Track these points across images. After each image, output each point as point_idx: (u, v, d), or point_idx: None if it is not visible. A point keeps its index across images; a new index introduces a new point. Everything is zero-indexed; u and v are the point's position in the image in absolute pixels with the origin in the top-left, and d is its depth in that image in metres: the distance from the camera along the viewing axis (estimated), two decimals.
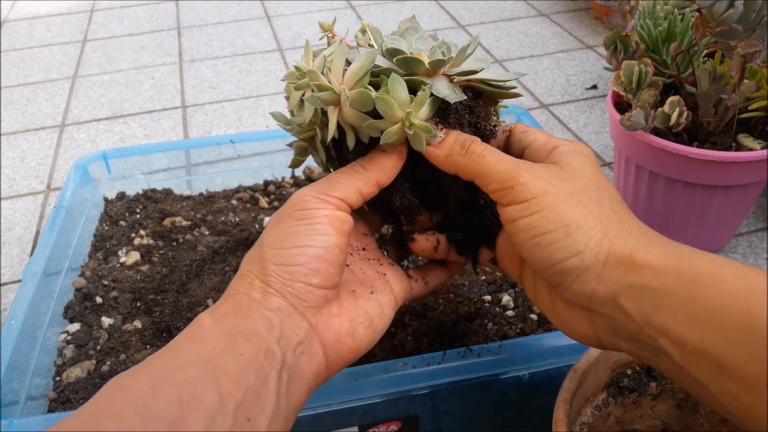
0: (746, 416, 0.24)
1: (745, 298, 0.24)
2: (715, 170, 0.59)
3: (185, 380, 0.25)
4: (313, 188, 0.33)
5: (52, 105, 1.09)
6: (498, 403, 0.46)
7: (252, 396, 0.26)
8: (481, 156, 0.32)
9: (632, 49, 0.63)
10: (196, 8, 1.45)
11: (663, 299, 0.26)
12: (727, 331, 0.24)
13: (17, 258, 0.75)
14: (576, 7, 1.36)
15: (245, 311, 0.29)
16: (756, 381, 0.23)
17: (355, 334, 0.32)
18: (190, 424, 0.24)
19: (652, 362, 0.29)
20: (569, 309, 0.32)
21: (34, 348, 0.47)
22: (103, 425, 0.24)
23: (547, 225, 0.29)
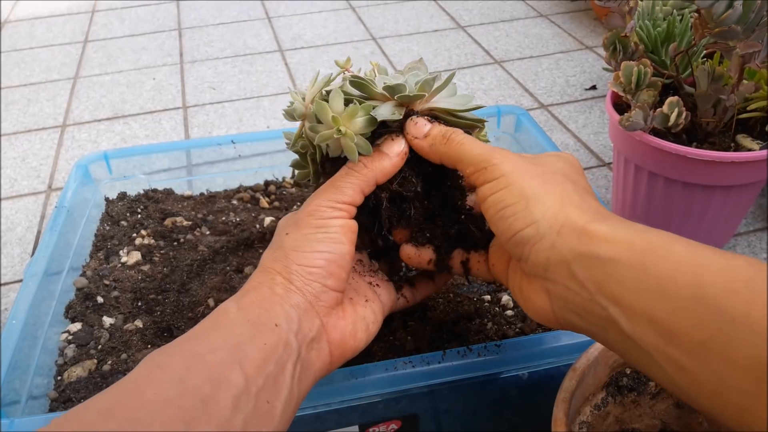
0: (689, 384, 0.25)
1: (694, 269, 0.25)
2: (714, 170, 0.59)
3: (215, 362, 0.28)
4: (324, 197, 0.36)
5: (54, 105, 1.09)
6: (497, 402, 0.46)
7: (271, 382, 0.29)
8: (460, 143, 0.35)
9: (631, 50, 0.63)
10: (196, 9, 1.45)
11: (614, 268, 0.27)
12: (674, 299, 0.25)
13: (18, 258, 0.75)
14: (575, 8, 1.37)
15: (268, 303, 0.32)
16: (700, 348, 0.24)
17: (355, 336, 0.36)
18: (220, 401, 0.27)
19: (599, 337, 0.30)
20: (530, 283, 0.33)
21: (36, 347, 0.47)
22: (143, 395, 0.26)
23: (510, 198, 0.32)
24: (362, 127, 0.37)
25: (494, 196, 0.33)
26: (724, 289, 0.24)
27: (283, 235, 0.36)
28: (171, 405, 0.26)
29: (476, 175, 0.34)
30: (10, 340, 0.44)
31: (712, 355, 0.23)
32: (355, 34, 1.29)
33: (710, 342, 0.23)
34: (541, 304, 0.32)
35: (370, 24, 1.32)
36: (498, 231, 0.33)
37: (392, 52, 1.19)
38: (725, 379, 0.23)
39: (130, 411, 0.25)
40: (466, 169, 0.35)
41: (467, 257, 0.40)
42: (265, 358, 0.30)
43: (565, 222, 0.30)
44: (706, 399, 0.24)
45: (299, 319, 0.33)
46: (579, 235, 0.29)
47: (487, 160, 0.33)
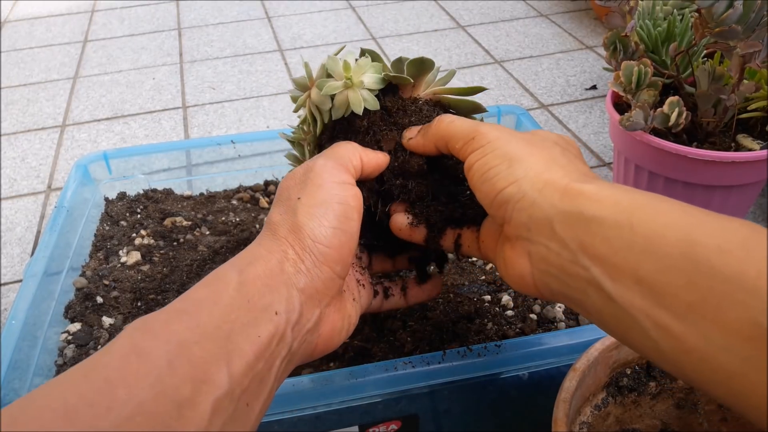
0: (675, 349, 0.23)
1: (685, 227, 0.24)
2: (715, 170, 0.59)
3: (201, 357, 0.25)
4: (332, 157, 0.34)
5: (53, 105, 1.09)
6: (498, 402, 0.46)
7: (256, 383, 0.27)
8: (450, 122, 0.35)
9: (632, 50, 0.63)
10: (196, 9, 1.45)
11: (598, 227, 0.26)
12: (663, 258, 0.24)
13: (18, 258, 0.75)
14: (575, 8, 1.37)
15: (275, 282, 0.30)
16: (689, 309, 0.22)
17: (341, 333, 0.34)
18: (198, 405, 0.24)
19: (579, 302, 0.28)
20: (512, 247, 0.31)
21: (35, 348, 0.47)
22: (114, 393, 0.23)
23: (494, 161, 0.31)
24: (372, 82, 0.37)
25: (479, 162, 0.32)
26: (717, 248, 0.22)
27: (295, 199, 0.33)
28: (143, 410, 0.23)
29: (464, 148, 0.33)
30: (10, 340, 0.44)
31: (702, 316, 0.22)
32: (355, 33, 1.29)
33: (701, 303, 0.22)
34: (521, 268, 0.31)
35: (370, 24, 1.32)
36: (481, 195, 0.32)
37: (392, 52, 1.19)
38: (715, 342, 0.22)
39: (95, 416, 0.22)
40: (456, 144, 0.34)
41: (459, 233, 0.38)
42: (257, 356, 0.27)
43: (548, 181, 0.29)
44: (693, 365, 0.23)
45: (301, 308, 0.30)
46: (562, 193, 0.28)
47: (474, 131, 0.33)
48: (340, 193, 0.33)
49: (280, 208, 0.33)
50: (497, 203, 0.31)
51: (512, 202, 0.30)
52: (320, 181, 0.33)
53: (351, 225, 0.33)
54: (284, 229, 0.32)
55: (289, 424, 0.42)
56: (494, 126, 0.34)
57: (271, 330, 0.28)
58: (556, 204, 0.28)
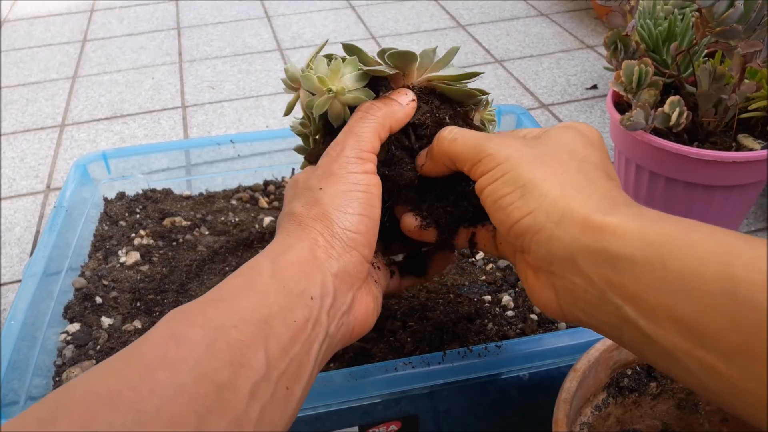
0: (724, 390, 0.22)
1: (723, 262, 0.22)
2: (715, 170, 0.59)
3: (239, 341, 0.25)
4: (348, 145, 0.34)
5: (52, 105, 1.09)
6: (498, 403, 0.46)
7: (294, 366, 0.27)
8: (452, 141, 0.33)
9: (632, 49, 0.63)
10: (196, 8, 1.45)
11: (627, 265, 0.24)
12: (702, 297, 0.22)
13: (17, 258, 0.75)
14: (576, 7, 1.36)
15: (308, 267, 0.30)
16: (736, 351, 0.21)
17: (374, 313, 0.34)
18: (237, 389, 0.24)
19: (613, 336, 0.27)
20: (536, 276, 0.30)
21: (34, 348, 0.47)
22: (155, 378, 0.23)
23: (506, 188, 0.29)
24: (353, 82, 0.35)
25: (490, 187, 0.30)
26: (761, 285, 0.21)
27: (316, 189, 0.33)
28: (184, 393, 0.23)
29: (473, 170, 0.32)
30: (9, 341, 0.44)
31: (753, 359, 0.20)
32: (355, 33, 1.29)
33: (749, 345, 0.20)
34: (548, 299, 0.30)
35: (370, 23, 1.32)
36: (497, 222, 0.31)
37: None
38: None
39: (138, 399, 0.22)
40: (464, 166, 0.33)
41: (473, 232, 0.37)
42: (293, 339, 0.27)
43: (565, 211, 0.27)
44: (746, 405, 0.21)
45: (335, 292, 0.30)
46: (582, 226, 0.26)
47: (481, 152, 0.31)
48: (362, 181, 0.33)
49: (302, 200, 0.33)
50: (513, 234, 0.29)
51: (529, 234, 0.28)
52: (343, 172, 0.33)
53: (374, 211, 0.33)
54: (310, 218, 0.32)
55: None
56: (503, 142, 0.31)
57: (306, 314, 0.28)
58: (577, 239, 0.26)
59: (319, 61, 0.36)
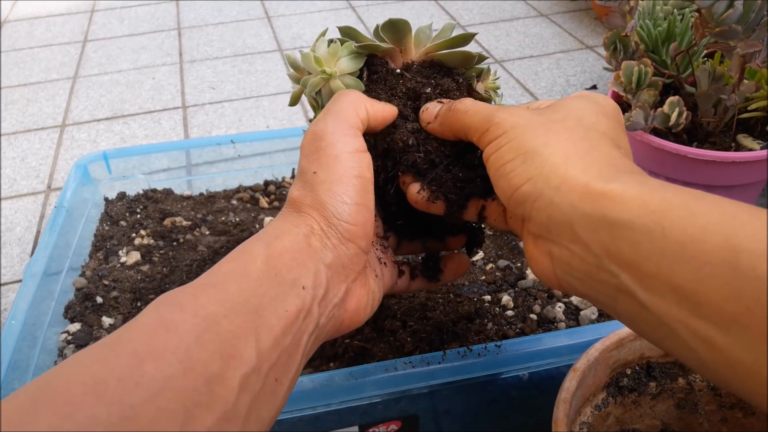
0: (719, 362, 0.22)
1: (725, 232, 0.21)
2: (715, 170, 0.59)
3: (230, 331, 0.25)
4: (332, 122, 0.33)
5: (53, 105, 1.09)
6: (498, 402, 0.46)
7: (285, 358, 0.27)
8: (464, 112, 0.33)
9: (632, 50, 0.63)
10: (196, 9, 1.45)
11: (626, 231, 0.24)
12: (702, 265, 0.21)
13: (18, 258, 0.75)
14: (576, 8, 1.36)
15: (302, 256, 0.29)
16: (733, 321, 0.21)
17: (366, 308, 0.33)
18: (227, 381, 0.24)
19: (607, 306, 0.26)
20: (535, 244, 0.30)
21: (35, 348, 0.47)
22: (143, 369, 0.22)
23: (509, 154, 0.29)
24: (348, 65, 0.36)
25: (495, 154, 0.30)
26: (763, 255, 0.20)
27: (310, 173, 0.32)
28: (171, 385, 0.22)
29: (482, 139, 0.31)
30: (10, 340, 0.44)
31: (749, 328, 0.20)
32: None
33: (746, 314, 0.20)
34: (544, 266, 0.29)
35: (370, 23, 1.32)
36: (499, 191, 0.30)
37: None
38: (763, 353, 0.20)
39: (124, 391, 0.22)
40: (473, 136, 0.32)
41: (483, 205, 0.36)
42: (284, 330, 0.27)
43: (564, 177, 0.27)
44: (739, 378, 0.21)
45: (327, 283, 0.30)
46: (582, 193, 0.26)
47: (489, 121, 0.31)
48: (355, 165, 0.32)
49: (299, 184, 0.33)
50: (514, 201, 0.29)
51: (529, 201, 0.28)
52: (334, 152, 0.32)
53: (370, 198, 0.32)
54: (306, 205, 0.31)
55: (288, 424, 0.41)
56: (513, 111, 0.31)
57: (298, 305, 0.28)
58: (576, 205, 0.26)
59: (320, 43, 0.36)
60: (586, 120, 0.30)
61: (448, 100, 0.35)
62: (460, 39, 0.37)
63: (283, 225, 0.31)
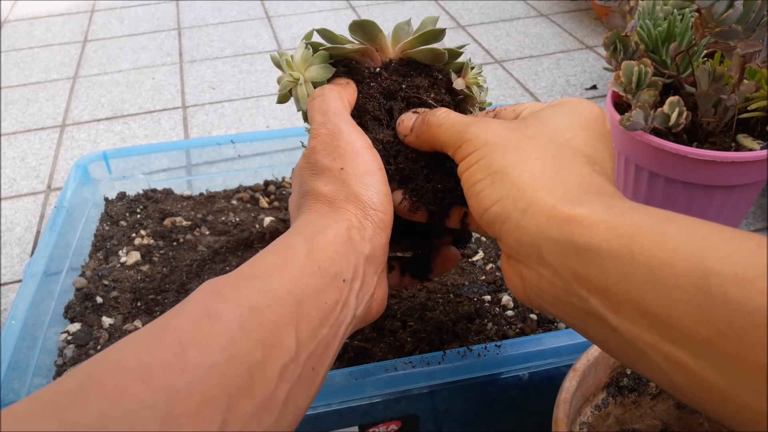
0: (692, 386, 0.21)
1: (696, 255, 0.21)
2: (715, 170, 0.59)
3: (272, 321, 0.25)
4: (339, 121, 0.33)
5: (53, 105, 1.09)
6: (498, 402, 0.46)
7: (322, 348, 0.27)
8: (438, 126, 0.33)
9: (632, 50, 0.63)
10: (196, 9, 1.45)
11: (593, 256, 0.23)
12: (673, 290, 0.21)
13: (18, 258, 0.75)
14: (576, 8, 1.36)
15: (344, 249, 0.30)
16: (706, 345, 0.20)
17: (387, 299, 0.34)
18: (267, 369, 0.24)
19: (579, 329, 0.26)
20: (507, 262, 0.30)
21: (35, 348, 0.47)
22: (187, 356, 0.23)
23: (479, 174, 0.29)
24: (317, 74, 0.36)
25: (467, 172, 0.30)
26: (735, 279, 0.20)
27: (337, 169, 0.32)
28: (215, 372, 0.23)
29: (455, 155, 0.31)
30: (10, 340, 0.44)
31: (722, 353, 0.20)
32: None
33: (719, 339, 0.20)
34: (515, 285, 0.29)
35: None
36: (471, 209, 0.30)
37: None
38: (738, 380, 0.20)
39: (170, 377, 0.22)
40: (449, 151, 0.32)
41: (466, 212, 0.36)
42: (322, 321, 0.27)
43: (532, 200, 0.26)
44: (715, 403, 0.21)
45: (364, 274, 0.30)
46: (549, 217, 0.25)
47: (461, 137, 0.31)
48: (375, 158, 0.33)
49: (324, 180, 0.32)
50: (485, 221, 0.29)
51: (498, 222, 0.28)
52: (355, 149, 0.32)
53: (389, 189, 0.33)
54: (341, 200, 0.31)
55: None
56: (486, 126, 0.31)
57: (336, 296, 0.28)
58: (542, 229, 0.26)
59: (299, 47, 0.36)
60: (560, 136, 0.29)
61: (424, 110, 0.35)
62: (429, 35, 0.36)
63: (323, 220, 0.31)
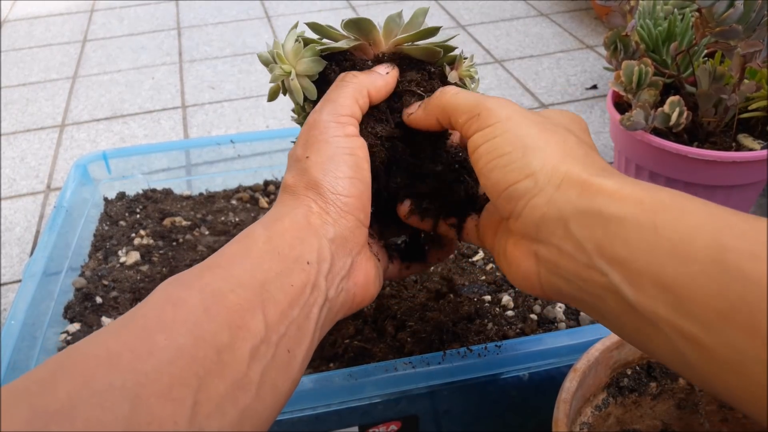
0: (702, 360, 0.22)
1: (713, 231, 0.22)
2: (715, 170, 0.59)
3: (236, 304, 0.26)
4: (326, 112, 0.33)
5: (52, 105, 1.09)
6: (498, 403, 0.46)
7: (294, 329, 0.27)
8: (453, 94, 0.33)
9: (632, 49, 0.63)
10: (196, 8, 1.45)
11: (619, 227, 0.24)
12: (690, 263, 0.22)
13: (17, 258, 0.75)
14: (576, 7, 1.36)
15: (303, 233, 0.30)
16: (719, 318, 0.21)
17: (375, 282, 0.34)
18: (237, 350, 0.24)
19: (592, 307, 0.27)
20: (516, 244, 0.30)
21: (34, 348, 0.47)
22: (154, 340, 0.23)
23: (506, 146, 0.29)
24: (308, 67, 0.35)
25: (487, 144, 0.29)
26: (750, 254, 0.21)
27: (303, 159, 0.32)
28: (183, 354, 0.23)
29: (469, 123, 0.31)
30: (9, 341, 0.44)
31: (734, 326, 0.20)
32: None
33: (731, 311, 0.21)
34: (526, 268, 0.29)
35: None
36: (489, 183, 0.29)
37: None
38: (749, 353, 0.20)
39: (137, 360, 0.22)
40: (459, 119, 0.31)
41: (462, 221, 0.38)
42: (291, 303, 0.27)
43: (566, 175, 0.27)
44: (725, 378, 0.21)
45: (332, 257, 0.30)
46: (581, 189, 0.26)
47: (480, 105, 0.30)
48: (347, 145, 0.32)
49: (292, 171, 0.33)
50: (506, 196, 0.28)
51: (526, 197, 0.28)
52: (325, 137, 0.32)
53: (364, 174, 0.33)
54: (301, 187, 0.32)
55: (288, 424, 0.41)
56: (503, 101, 0.31)
57: (303, 279, 0.28)
58: (573, 201, 0.26)
59: (289, 37, 0.36)
60: (574, 132, 0.31)
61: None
62: (425, 33, 0.36)
63: (281, 209, 0.31)
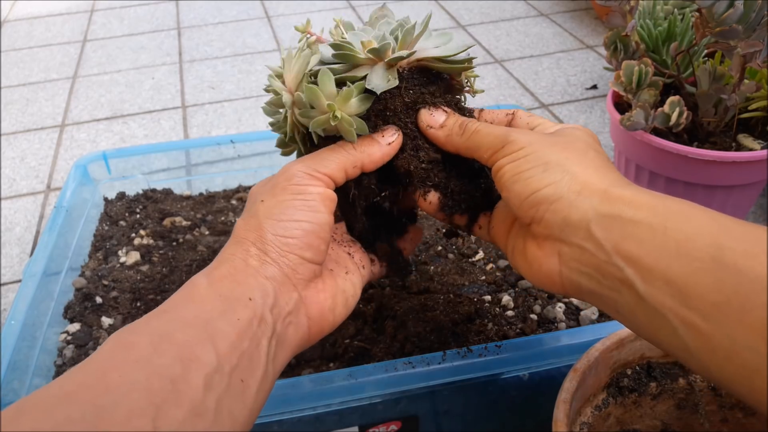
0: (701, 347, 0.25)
1: (714, 232, 0.26)
2: (715, 170, 0.59)
3: (185, 340, 0.27)
4: (304, 164, 0.35)
5: (52, 105, 1.09)
6: (498, 403, 0.46)
7: (245, 360, 0.28)
8: (476, 132, 0.35)
9: (632, 49, 0.63)
10: (196, 8, 1.45)
11: (634, 229, 0.28)
12: (693, 260, 0.25)
13: (17, 258, 0.75)
14: (576, 7, 1.36)
15: (242, 276, 0.31)
16: (715, 309, 0.24)
17: (334, 310, 0.35)
18: (191, 381, 0.25)
19: (609, 300, 0.30)
20: (539, 245, 0.32)
21: (34, 348, 0.47)
22: (107, 378, 0.24)
23: (528, 164, 0.32)
24: (358, 107, 0.35)
25: (512, 164, 0.32)
26: (744, 253, 0.24)
27: (258, 202, 0.34)
28: (137, 388, 0.24)
29: (495, 156, 0.34)
30: (9, 341, 0.44)
31: (728, 316, 0.24)
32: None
33: (727, 304, 0.24)
34: (549, 266, 0.32)
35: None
36: (512, 194, 0.32)
37: None
38: (739, 340, 0.23)
39: (94, 396, 0.24)
40: (484, 155, 0.34)
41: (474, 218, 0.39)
42: (239, 335, 0.28)
43: (585, 184, 0.31)
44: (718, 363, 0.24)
45: (275, 293, 0.31)
46: (602, 196, 0.30)
47: (504, 139, 0.33)
48: (303, 190, 0.33)
49: (244, 214, 0.35)
50: (529, 203, 0.32)
51: (547, 203, 0.31)
52: (286, 185, 0.34)
53: (316, 215, 0.33)
54: (244, 230, 0.33)
55: (289, 424, 0.41)
56: (523, 132, 0.34)
57: (248, 313, 0.29)
58: (595, 206, 0.30)
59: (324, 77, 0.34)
60: (591, 147, 0.34)
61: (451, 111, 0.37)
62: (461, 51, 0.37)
63: (222, 256, 0.33)
